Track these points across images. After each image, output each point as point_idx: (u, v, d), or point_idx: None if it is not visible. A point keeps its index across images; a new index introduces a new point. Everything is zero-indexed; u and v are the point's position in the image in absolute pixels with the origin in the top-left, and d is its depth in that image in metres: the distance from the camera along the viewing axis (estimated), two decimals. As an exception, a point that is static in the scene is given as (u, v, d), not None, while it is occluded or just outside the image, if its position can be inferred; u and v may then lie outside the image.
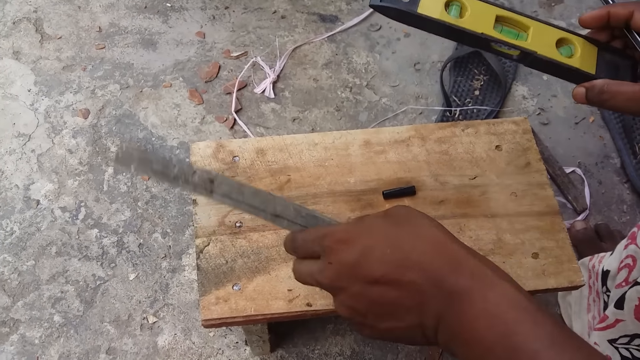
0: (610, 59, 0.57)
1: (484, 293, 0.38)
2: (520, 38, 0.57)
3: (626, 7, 0.53)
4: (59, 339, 0.98)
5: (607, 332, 0.73)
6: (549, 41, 0.57)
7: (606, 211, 1.11)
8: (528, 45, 0.56)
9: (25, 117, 1.19)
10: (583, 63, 0.57)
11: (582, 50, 0.57)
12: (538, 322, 0.36)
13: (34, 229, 1.07)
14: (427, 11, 0.55)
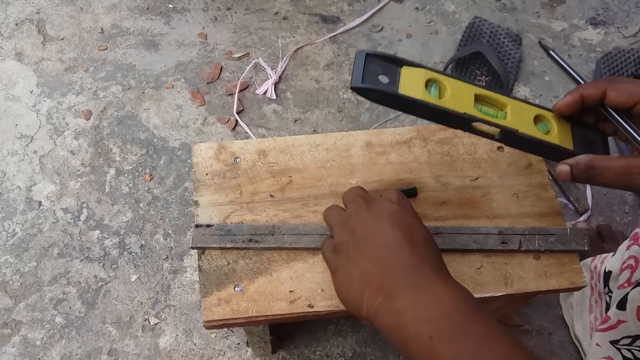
0: (583, 133, 0.58)
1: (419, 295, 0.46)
2: (499, 117, 0.56)
3: (597, 87, 0.53)
4: (60, 341, 0.98)
5: (609, 333, 0.73)
6: (527, 119, 0.57)
7: (608, 212, 1.11)
8: (509, 123, 0.56)
9: (28, 118, 1.20)
10: (561, 139, 0.57)
11: (557, 126, 0.57)
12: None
13: (35, 230, 1.07)
14: (408, 92, 0.54)
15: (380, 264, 0.48)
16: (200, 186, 0.68)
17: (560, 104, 0.56)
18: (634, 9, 1.39)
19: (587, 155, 0.54)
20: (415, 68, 0.56)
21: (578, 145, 0.57)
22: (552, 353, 0.98)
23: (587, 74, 1.29)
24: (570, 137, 0.57)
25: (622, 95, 0.51)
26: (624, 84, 0.52)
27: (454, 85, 0.56)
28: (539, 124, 0.57)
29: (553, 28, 1.36)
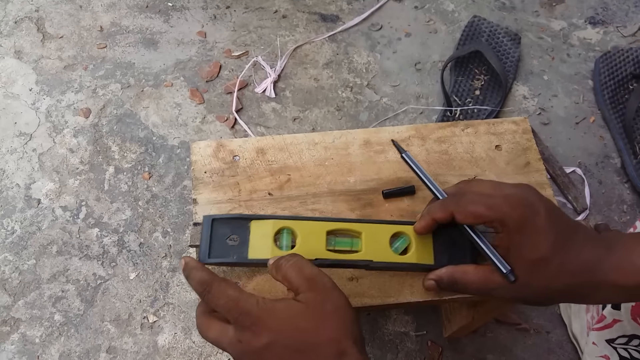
0: (447, 241, 0.58)
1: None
2: (354, 245, 0.57)
3: (445, 210, 0.54)
4: (59, 338, 0.98)
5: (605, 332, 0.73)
6: (382, 243, 0.57)
7: (606, 211, 1.11)
8: (362, 255, 0.57)
9: (27, 116, 1.20)
10: (420, 255, 0.57)
11: (417, 240, 0.58)
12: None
13: (34, 228, 1.07)
14: (257, 254, 0.56)
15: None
16: (199, 184, 0.69)
17: (417, 228, 0.57)
18: (632, 9, 1.39)
19: (447, 269, 0.55)
20: (263, 221, 0.57)
21: (440, 256, 0.58)
22: (550, 351, 0.98)
23: (585, 73, 1.29)
24: (431, 248, 0.58)
25: (467, 218, 0.52)
26: (468, 206, 0.52)
27: (305, 228, 0.57)
28: (398, 240, 0.58)
29: (552, 27, 1.36)
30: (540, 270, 0.49)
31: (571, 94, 1.26)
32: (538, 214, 0.49)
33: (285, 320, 0.47)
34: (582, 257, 0.49)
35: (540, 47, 1.33)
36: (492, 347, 0.98)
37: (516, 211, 0.49)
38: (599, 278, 0.48)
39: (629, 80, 1.23)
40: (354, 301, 0.61)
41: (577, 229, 0.51)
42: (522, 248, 0.50)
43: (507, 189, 0.51)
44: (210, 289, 0.49)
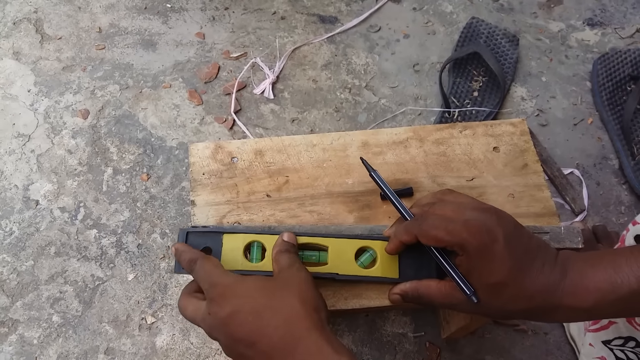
0: (413, 256, 0.59)
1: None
2: (321, 258, 0.60)
3: (409, 233, 0.56)
4: (57, 339, 0.98)
5: (601, 334, 0.73)
6: (347, 257, 0.59)
7: (604, 212, 1.12)
8: (328, 269, 0.59)
9: (25, 117, 1.20)
10: (385, 269, 0.59)
11: (382, 253, 0.59)
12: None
13: (33, 229, 1.07)
14: (228, 265, 0.58)
15: None
16: (197, 186, 0.69)
17: (387, 250, 0.59)
18: (630, 10, 1.40)
19: (411, 284, 0.57)
20: (235, 235, 0.60)
21: (406, 270, 0.59)
22: (548, 353, 0.98)
23: (583, 74, 1.29)
24: (397, 263, 0.59)
25: (429, 241, 0.54)
26: (430, 230, 0.53)
27: (273, 242, 0.59)
28: (363, 255, 0.60)
29: (550, 29, 1.36)
30: (499, 293, 0.51)
31: (569, 96, 1.26)
32: (496, 240, 0.51)
33: (249, 290, 0.50)
34: (538, 282, 0.51)
35: (538, 48, 1.33)
36: (490, 348, 0.98)
37: (475, 238, 0.51)
38: (554, 302, 0.50)
39: (626, 82, 1.23)
40: (352, 302, 0.61)
41: (536, 254, 0.52)
42: (481, 272, 0.51)
43: (468, 213, 0.53)
44: (195, 265, 0.54)
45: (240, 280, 0.52)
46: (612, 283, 0.49)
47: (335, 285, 0.62)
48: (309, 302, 0.50)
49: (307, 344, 0.47)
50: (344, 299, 0.62)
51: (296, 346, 0.47)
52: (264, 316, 0.49)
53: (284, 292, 0.50)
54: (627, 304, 0.49)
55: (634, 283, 0.48)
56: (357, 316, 0.99)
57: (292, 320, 0.48)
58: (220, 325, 0.50)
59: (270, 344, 0.47)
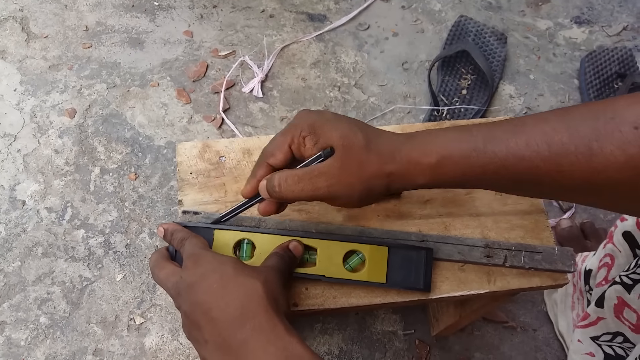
0: (401, 262, 0.59)
1: (265, 346, 0.46)
2: (310, 259, 0.60)
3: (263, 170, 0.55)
4: (45, 341, 0.97)
5: (590, 330, 0.74)
6: (336, 259, 0.59)
7: (592, 209, 1.12)
8: (316, 270, 0.59)
9: (11, 116, 1.18)
10: (372, 273, 0.59)
11: (370, 257, 0.59)
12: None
13: (19, 229, 1.06)
14: None
15: None
16: (185, 185, 0.68)
17: (243, 192, 0.57)
18: (617, 8, 1.41)
19: (278, 173, 0.54)
20: (225, 231, 0.60)
21: (393, 275, 0.59)
22: (536, 349, 0.99)
23: (571, 72, 1.30)
24: (385, 268, 0.59)
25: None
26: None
27: (263, 241, 0.60)
28: (352, 258, 0.60)
29: (538, 27, 1.37)
30: (346, 161, 0.50)
31: (557, 93, 1.27)
32: (322, 113, 0.53)
33: (222, 264, 0.51)
34: (380, 142, 0.51)
35: (526, 46, 1.33)
36: (480, 345, 0.99)
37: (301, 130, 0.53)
38: (402, 156, 0.50)
39: (614, 80, 1.24)
40: (341, 301, 0.61)
41: (367, 126, 0.52)
42: (318, 141, 0.52)
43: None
44: (185, 241, 0.55)
45: (217, 255, 0.53)
46: (461, 141, 0.49)
47: (324, 284, 0.62)
48: (271, 290, 0.50)
49: (261, 320, 0.47)
50: (332, 298, 0.62)
51: (248, 320, 0.47)
52: (227, 287, 0.49)
53: (252, 273, 0.51)
54: (470, 162, 0.48)
55: (480, 143, 0.48)
56: (346, 315, 0.99)
57: (251, 297, 0.49)
58: (187, 289, 0.50)
59: (224, 313, 0.48)
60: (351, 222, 0.66)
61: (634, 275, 0.66)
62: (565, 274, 0.63)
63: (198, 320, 0.48)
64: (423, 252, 0.60)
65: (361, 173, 0.50)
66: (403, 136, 0.52)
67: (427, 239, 0.64)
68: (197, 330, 0.49)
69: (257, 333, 0.46)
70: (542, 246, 0.64)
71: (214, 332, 0.47)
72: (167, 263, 0.55)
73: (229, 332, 0.47)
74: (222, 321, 0.47)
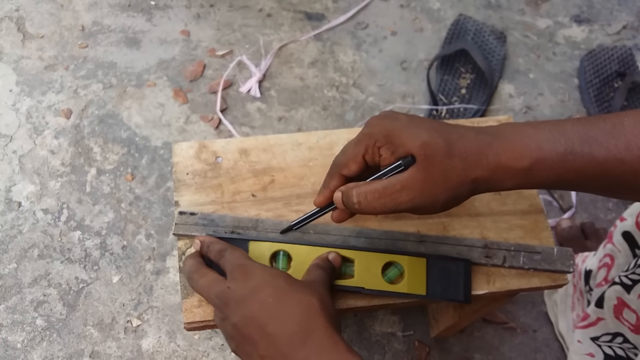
0: (440, 273, 0.59)
1: None
2: (347, 270, 0.59)
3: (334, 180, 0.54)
4: (41, 343, 0.96)
5: (590, 330, 0.73)
6: (374, 270, 0.58)
7: (592, 209, 1.12)
8: (355, 282, 0.58)
9: (7, 117, 1.17)
10: (412, 285, 0.58)
11: (409, 268, 0.58)
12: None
13: (15, 231, 1.05)
14: None
15: None
16: (181, 186, 0.67)
17: (317, 201, 0.56)
18: (617, 7, 1.40)
19: (354, 184, 0.52)
20: (261, 242, 0.59)
21: (433, 286, 0.58)
22: (536, 350, 0.98)
23: (571, 71, 1.29)
24: (425, 279, 0.58)
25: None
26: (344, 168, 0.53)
27: (300, 252, 0.59)
28: (390, 269, 0.59)
29: (537, 25, 1.36)
30: (428, 169, 0.47)
31: (557, 92, 1.26)
32: (397, 119, 0.50)
33: (274, 277, 0.50)
34: (462, 145, 0.47)
35: (526, 45, 1.33)
36: (480, 347, 0.98)
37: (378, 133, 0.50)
38: (490, 163, 0.47)
39: (614, 79, 1.24)
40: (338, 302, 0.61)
41: (449, 126, 0.50)
42: (397, 148, 0.49)
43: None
44: (225, 252, 0.54)
45: (267, 268, 0.51)
46: (556, 142, 0.46)
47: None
48: (326, 306, 0.49)
49: (322, 337, 0.46)
50: (330, 300, 0.61)
51: (309, 336, 0.46)
52: (284, 301, 0.48)
53: (306, 289, 0.49)
54: (565, 166, 0.46)
55: (577, 145, 0.45)
56: (345, 316, 0.99)
57: (310, 313, 0.47)
58: (238, 301, 0.48)
59: (283, 328, 0.46)
60: (349, 223, 0.65)
61: (633, 275, 0.65)
62: (565, 274, 0.63)
63: (251, 334, 0.47)
64: (462, 263, 0.59)
65: (445, 182, 0.47)
66: (487, 135, 0.48)
67: (425, 239, 0.63)
68: (250, 345, 0.47)
69: (319, 350, 0.45)
70: (541, 246, 0.63)
71: (270, 347, 0.46)
72: (208, 270, 0.54)
73: (289, 348, 0.45)
74: (280, 337, 0.46)
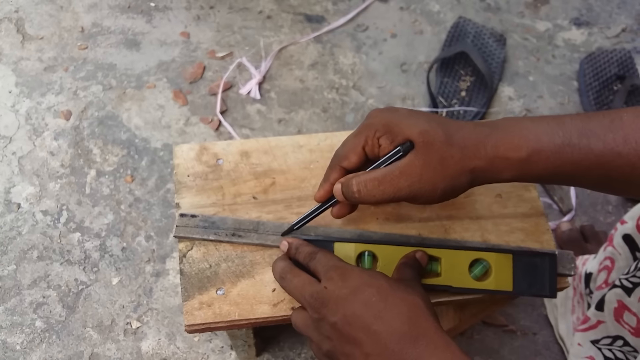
0: (526, 268, 0.58)
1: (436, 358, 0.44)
2: (433, 269, 0.58)
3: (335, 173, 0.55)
4: (40, 345, 0.96)
5: (590, 333, 0.73)
6: (461, 268, 0.58)
7: (592, 212, 1.12)
8: (442, 280, 0.58)
9: (6, 118, 1.17)
10: (499, 281, 0.58)
11: (496, 265, 0.58)
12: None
13: (14, 233, 1.05)
14: None
15: None
16: (182, 188, 0.67)
17: (317, 196, 0.57)
18: (616, 10, 1.40)
19: (354, 175, 0.53)
20: (346, 244, 0.58)
21: (519, 282, 0.58)
22: (536, 353, 0.98)
23: (570, 74, 1.29)
24: (511, 275, 0.58)
25: None
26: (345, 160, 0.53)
27: (385, 252, 0.58)
28: (476, 266, 0.58)
29: (537, 28, 1.36)
30: (427, 158, 0.48)
31: (556, 95, 1.26)
32: (396, 111, 0.51)
33: (373, 278, 0.49)
34: (461, 135, 0.48)
35: (525, 48, 1.33)
36: (480, 349, 0.98)
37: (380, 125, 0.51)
38: (488, 153, 0.48)
39: (613, 81, 1.24)
40: None
41: (448, 120, 0.50)
42: (396, 135, 0.50)
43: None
44: (316, 255, 0.53)
45: (364, 269, 0.50)
46: (554, 134, 0.46)
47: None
48: (430, 305, 0.48)
49: (433, 337, 0.45)
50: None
51: (420, 336, 0.45)
52: (388, 301, 0.46)
53: (408, 289, 0.48)
54: (562, 158, 0.46)
55: (575, 137, 0.46)
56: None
57: (417, 312, 0.46)
58: (338, 300, 0.47)
59: (390, 327, 0.45)
60: (350, 225, 0.65)
61: (633, 278, 0.65)
62: (566, 277, 0.63)
63: (354, 333, 0.46)
64: (547, 257, 0.58)
65: (444, 170, 0.48)
66: (486, 127, 0.49)
67: (426, 242, 0.63)
68: (351, 344, 0.46)
69: (432, 350, 0.44)
70: (542, 249, 0.63)
71: (377, 346, 0.45)
72: (301, 271, 0.53)
73: (400, 346, 0.44)
74: (388, 335, 0.45)
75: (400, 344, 0.44)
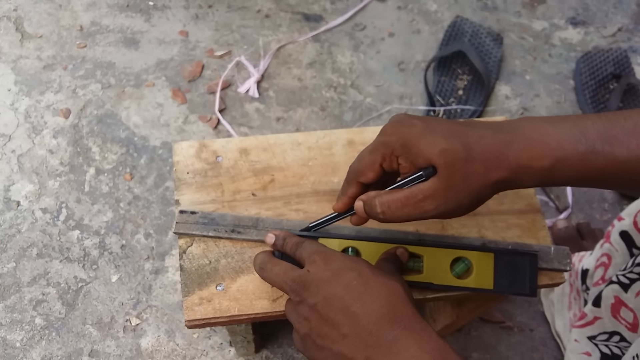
0: (507, 267, 0.59)
1: (419, 344, 0.44)
2: (415, 266, 0.59)
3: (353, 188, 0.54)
4: (40, 342, 0.96)
5: (587, 329, 0.74)
6: (443, 266, 0.59)
7: (588, 209, 1.13)
8: (424, 278, 0.59)
9: (5, 117, 1.18)
10: (480, 279, 0.59)
11: (477, 263, 0.59)
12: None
13: (14, 230, 1.05)
14: None
15: (348, 344, 0.46)
16: (182, 185, 0.68)
17: (336, 207, 0.57)
18: (612, 9, 1.41)
19: (375, 193, 0.52)
20: (330, 239, 0.59)
21: (500, 281, 0.59)
22: (533, 349, 0.99)
23: (567, 73, 1.30)
24: (492, 274, 0.59)
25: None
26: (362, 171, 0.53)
27: (369, 248, 0.59)
28: (458, 265, 0.59)
29: (534, 27, 1.37)
30: (450, 173, 0.47)
31: (553, 94, 1.27)
32: (413, 125, 0.49)
33: (355, 262, 0.50)
34: (481, 145, 0.47)
35: (522, 47, 1.34)
36: (477, 346, 0.99)
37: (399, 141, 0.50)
38: (510, 164, 0.47)
39: (609, 80, 1.25)
40: None
41: (466, 127, 0.49)
42: (416, 157, 0.48)
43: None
44: (302, 244, 0.54)
45: (347, 255, 0.51)
46: (577, 142, 0.45)
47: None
48: (409, 293, 0.49)
49: (411, 321, 0.45)
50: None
51: (398, 319, 0.45)
52: (368, 284, 0.47)
53: (389, 274, 0.49)
54: (587, 165, 0.46)
55: (598, 144, 0.45)
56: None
57: (396, 297, 0.47)
58: (319, 282, 0.48)
59: (369, 309, 0.45)
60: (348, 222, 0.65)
61: (630, 274, 0.66)
62: (562, 273, 0.63)
63: (333, 315, 0.46)
64: (527, 257, 0.59)
65: (468, 187, 0.47)
66: (506, 133, 0.48)
67: (424, 238, 0.63)
68: (329, 325, 0.46)
69: (409, 332, 0.45)
70: (538, 245, 0.64)
71: (356, 326, 0.45)
72: (279, 260, 0.54)
73: (377, 327, 0.45)
74: (366, 316, 0.45)
75: (377, 325, 0.45)
